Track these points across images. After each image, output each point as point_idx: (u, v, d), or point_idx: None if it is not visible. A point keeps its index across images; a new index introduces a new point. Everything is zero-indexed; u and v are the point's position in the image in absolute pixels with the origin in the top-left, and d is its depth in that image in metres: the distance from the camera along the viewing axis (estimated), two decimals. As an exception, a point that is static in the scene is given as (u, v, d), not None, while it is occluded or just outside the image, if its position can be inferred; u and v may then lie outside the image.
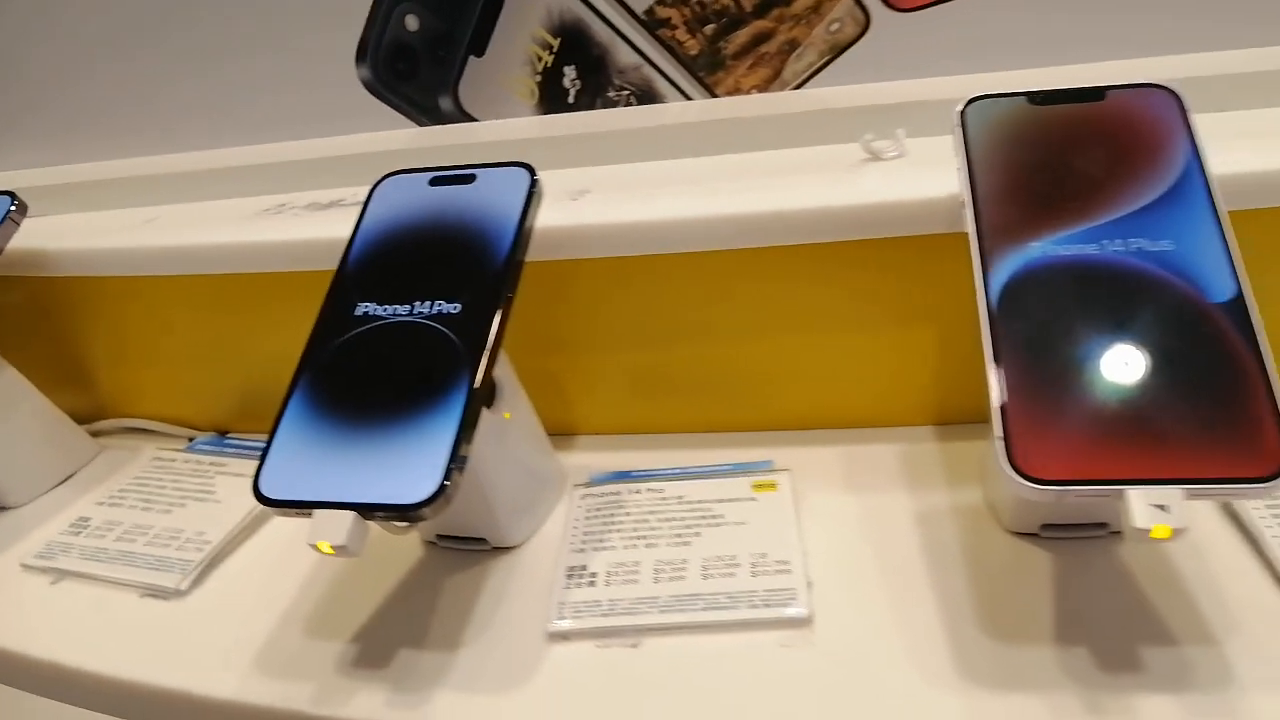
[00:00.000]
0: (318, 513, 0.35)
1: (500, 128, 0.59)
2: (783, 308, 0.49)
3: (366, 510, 0.35)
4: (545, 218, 0.47)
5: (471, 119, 0.61)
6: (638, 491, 0.47)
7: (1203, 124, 0.39)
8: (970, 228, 0.38)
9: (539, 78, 0.59)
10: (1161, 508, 0.31)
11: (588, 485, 0.48)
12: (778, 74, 0.56)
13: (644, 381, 0.53)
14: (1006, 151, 0.40)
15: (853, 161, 0.50)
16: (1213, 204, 0.37)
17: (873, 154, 0.49)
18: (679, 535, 0.44)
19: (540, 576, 0.44)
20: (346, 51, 0.60)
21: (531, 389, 0.49)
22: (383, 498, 0.35)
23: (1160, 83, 0.40)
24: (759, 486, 0.46)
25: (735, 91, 0.57)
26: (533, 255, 0.46)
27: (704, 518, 0.44)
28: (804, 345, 0.50)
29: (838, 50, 0.55)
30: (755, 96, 0.55)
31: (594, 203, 0.50)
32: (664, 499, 0.46)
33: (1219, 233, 0.36)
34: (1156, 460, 0.31)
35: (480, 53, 0.58)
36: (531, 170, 0.44)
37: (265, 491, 0.37)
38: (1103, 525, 0.41)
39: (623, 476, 0.49)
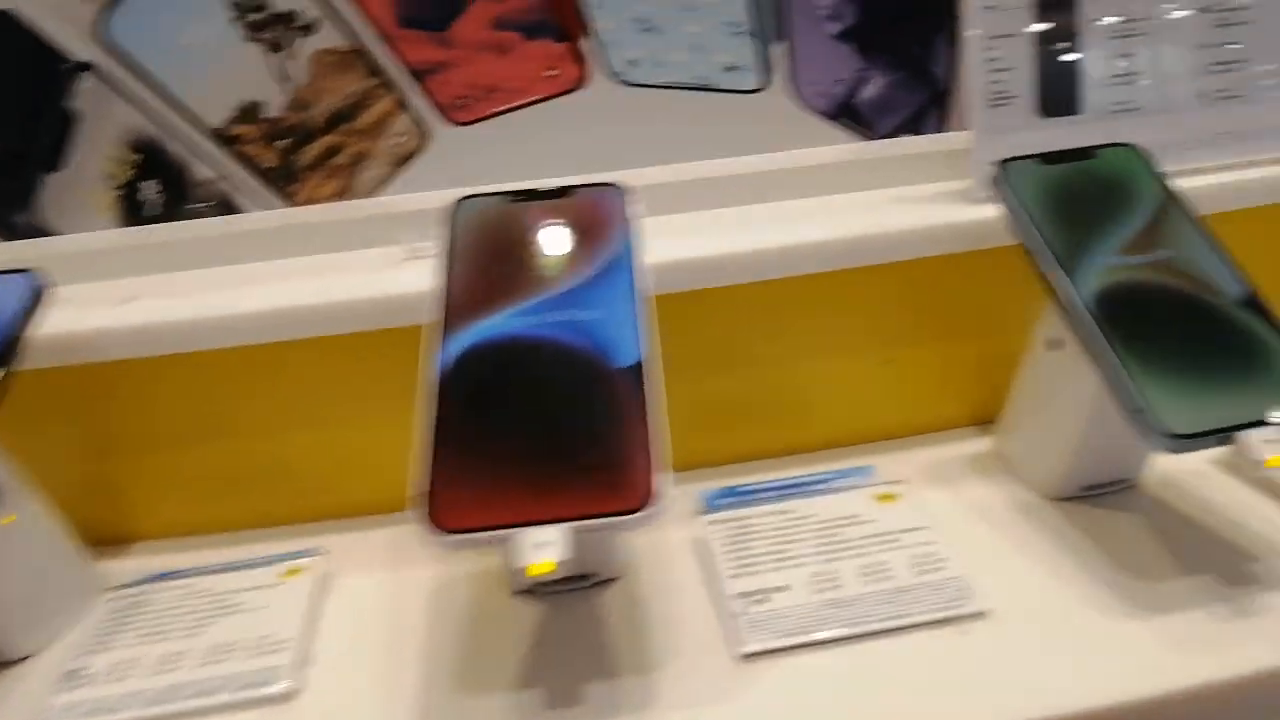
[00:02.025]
0: None
1: (77, 241, 0.59)
2: (327, 400, 0.51)
3: None
4: (87, 321, 0.48)
5: (53, 233, 0.61)
6: (167, 590, 0.47)
7: (660, 223, 0.46)
8: (437, 311, 0.42)
9: (118, 191, 0.60)
10: (547, 546, 0.34)
11: (118, 589, 0.47)
12: (348, 185, 0.60)
13: (202, 481, 0.53)
14: (482, 241, 0.45)
15: (399, 260, 0.54)
16: (634, 282, 0.42)
17: (414, 254, 0.53)
18: (191, 628, 0.44)
19: (37, 689, 0.42)
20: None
21: (80, 495, 0.48)
22: None
23: (611, 181, 0.47)
24: (289, 573, 0.47)
25: (311, 201, 0.60)
26: (78, 359, 0.47)
27: (222, 608, 0.45)
28: (347, 437, 0.53)
29: (403, 161, 0.59)
30: (316, 206, 0.59)
31: (138, 307, 0.50)
32: (188, 594, 0.46)
33: (633, 307, 0.41)
34: (545, 505, 0.35)
35: (54, 169, 0.59)
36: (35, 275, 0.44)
37: None
38: (586, 577, 0.45)
39: (162, 577, 0.48)
